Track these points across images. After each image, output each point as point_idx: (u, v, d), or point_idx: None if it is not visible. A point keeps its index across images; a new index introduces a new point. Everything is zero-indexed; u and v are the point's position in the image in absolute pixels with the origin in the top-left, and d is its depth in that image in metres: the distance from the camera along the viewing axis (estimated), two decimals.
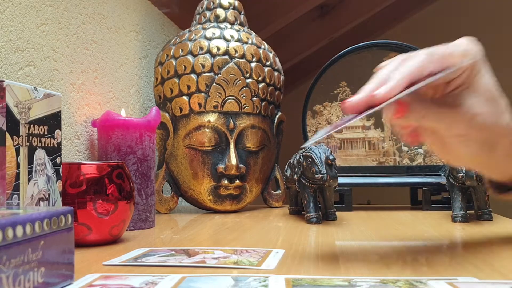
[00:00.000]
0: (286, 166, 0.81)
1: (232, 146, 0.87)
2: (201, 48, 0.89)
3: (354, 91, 0.96)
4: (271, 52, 0.96)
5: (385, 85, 0.43)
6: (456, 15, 2.08)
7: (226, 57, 0.89)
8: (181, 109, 0.88)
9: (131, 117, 0.74)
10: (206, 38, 0.90)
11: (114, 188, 0.57)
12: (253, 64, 0.90)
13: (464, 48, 0.46)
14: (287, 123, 0.99)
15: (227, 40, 0.90)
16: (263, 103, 0.91)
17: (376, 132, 0.95)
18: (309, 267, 0.44)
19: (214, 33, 0.91)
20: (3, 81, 0.46)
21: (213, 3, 0.96)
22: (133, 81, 0.96)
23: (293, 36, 1.72)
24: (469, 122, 0.46)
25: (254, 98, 0.90)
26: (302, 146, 0.62)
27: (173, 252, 0.50)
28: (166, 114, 0.89)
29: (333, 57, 0.95)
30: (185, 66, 0.89)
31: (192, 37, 0.91)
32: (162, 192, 0.90)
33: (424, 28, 2.05)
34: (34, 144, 0.49)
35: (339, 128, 0.44)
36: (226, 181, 0.87)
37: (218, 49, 0.89)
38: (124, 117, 0.71)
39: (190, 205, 0.94)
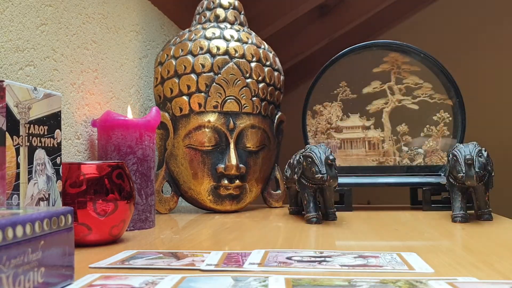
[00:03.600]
0: (286, 166, 0.81)
1: (232, 146, 0.87)
2: (201, 48, 0.89)
3: (354, 91, 0.97)
4: (271, 52, 0.96)
5: None
6: (456, 15, 2.08)
7: (226, 57, 0.89)
8: (181, 109, 0.88)
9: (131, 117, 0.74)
10: (206, 38, 0.90)
11: (114, 188, 0.58)
12: (253, 64, 0.90)
13: None
14: (287, 123, 0.99)
15: (227, 40, 0.90)
16: (263, 103, 0.91)
17: (376, 132, 0.95)
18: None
19: (214, 33, 0.91)
20: (3, 81, 0.46)
21: (213, 3, 0.96)
22: (133, 81, 0.96)
23: (293, 36, 1.71)
24: None
25: (254, 98, 0.90)
26: None
27: (161, 255, 0.49)
28: (166, 114, 0.89)
29: (333, 57, 0.95)
30: (185, 66, 0.89)
31: (192, 37, 0.91)
32: (162, 192, 0.90)
33: (424, 28, 2.05)
34: (34, 144, 0.49)
35: None
36: (226, 181, 0.87)
37: (218, 49, 0.89)
38: (124, 116, 0.71)
39: (190, 205, 0.94)
